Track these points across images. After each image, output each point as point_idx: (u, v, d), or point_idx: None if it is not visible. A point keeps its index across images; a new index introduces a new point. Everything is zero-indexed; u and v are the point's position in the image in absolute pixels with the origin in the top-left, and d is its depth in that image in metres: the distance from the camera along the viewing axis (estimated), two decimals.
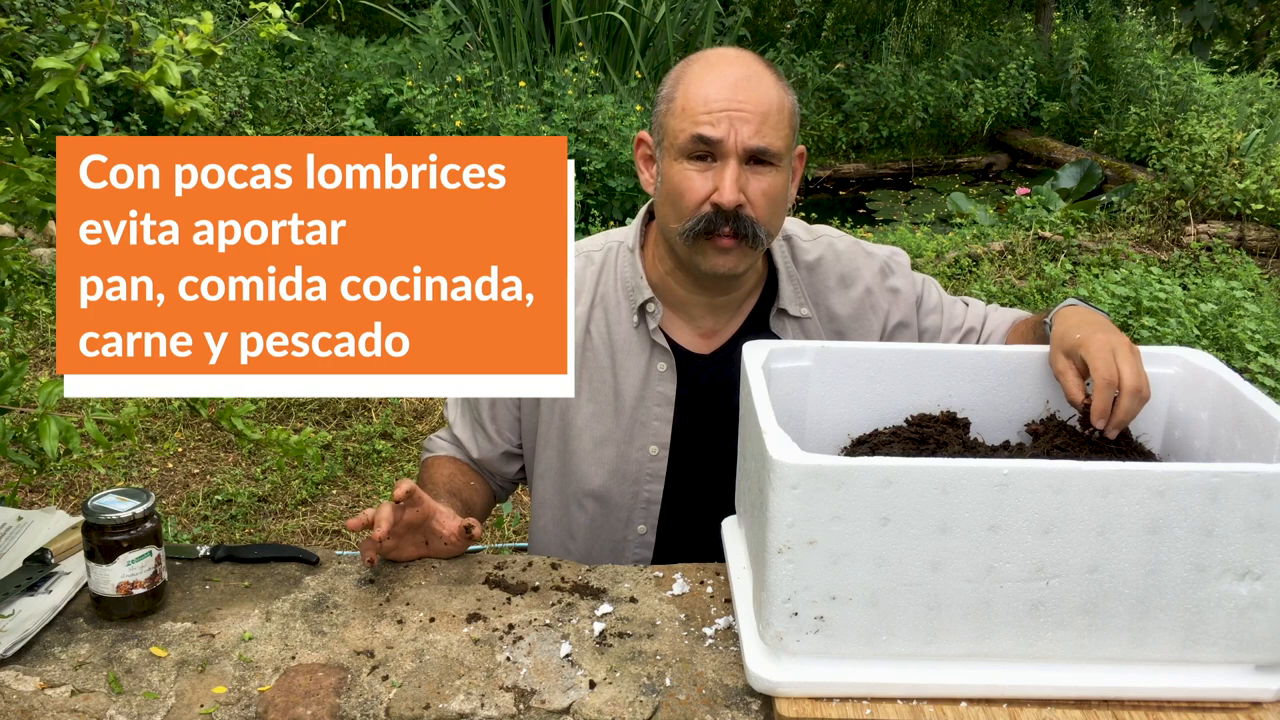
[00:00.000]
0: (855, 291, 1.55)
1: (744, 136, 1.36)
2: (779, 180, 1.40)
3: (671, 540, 1.55)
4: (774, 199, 1.40)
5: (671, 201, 1.41)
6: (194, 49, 1.20)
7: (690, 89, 1.40)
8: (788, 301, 1.52)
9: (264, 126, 5.77)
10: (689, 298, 1.51)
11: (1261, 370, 3.93)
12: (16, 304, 1.54)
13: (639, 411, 1.51)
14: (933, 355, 1.31)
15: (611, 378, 1.51)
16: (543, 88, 6.01)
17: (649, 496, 1.53)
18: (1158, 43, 8.67)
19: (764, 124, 1.37)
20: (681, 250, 1.44)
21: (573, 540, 1.58)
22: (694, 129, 1.37)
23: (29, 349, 4.27)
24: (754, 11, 8.93)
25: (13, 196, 1.17)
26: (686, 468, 1.53)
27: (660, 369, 1.51)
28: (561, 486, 1.56)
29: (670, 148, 1.41)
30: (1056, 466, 0.97)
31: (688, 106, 1.38)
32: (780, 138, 1.39)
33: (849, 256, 1.57)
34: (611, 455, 1.52)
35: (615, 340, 1.51)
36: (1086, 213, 6.29)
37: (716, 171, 1.37)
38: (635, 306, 1.51)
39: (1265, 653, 1.03)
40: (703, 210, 1.38)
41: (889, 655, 1.04)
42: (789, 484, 0.97)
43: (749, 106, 1.36)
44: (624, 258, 1.54)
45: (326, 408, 4.08)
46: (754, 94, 1.37)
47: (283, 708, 1.06)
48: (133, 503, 1.19)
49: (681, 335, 1.53)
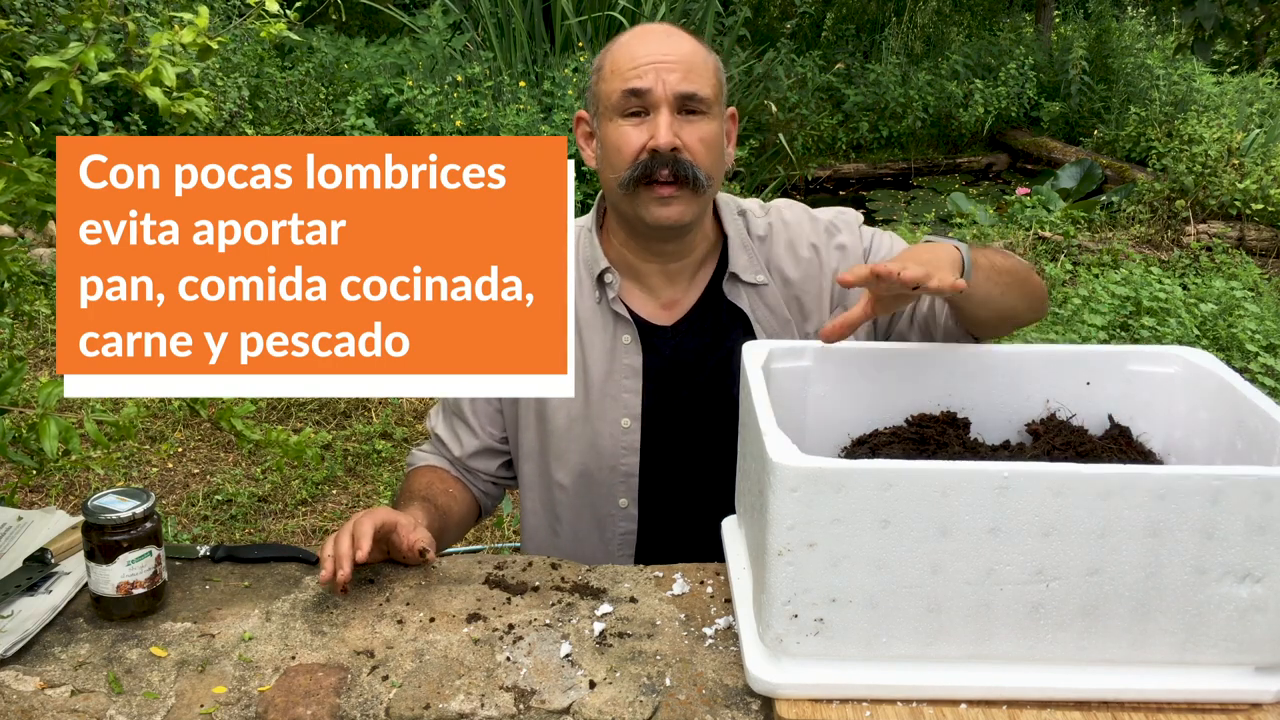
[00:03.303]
0: (803, 252, 1.57)
1: (671, 83, 1.42)
2: (712, 127, 1.46)
3: (654, 511, 1.57)
4: (709, 145, 1.45)
5: (610, 159, 1.47)
6: (189, 43, 1.19)
7: (617, 54, 1.47)
8: (741, 269, 1.54)
9: (264, 126, 5.77)
10: (644, 267, 1.54)
11: (1261, 370, 3.93)
12: (16, 305, 1.54)
13: (608, 385, 1.53)
14: (933, 355, 1.31)
15: (580, 354, 1.53)
16: (543, 88, 6.01)
17: (626, 469, 1.55)
18: (1158, 43, 8.67)
19: (690, 71, 1.43)
20: (625, 205, 1.47)
21: (559, 521, 1.60)
22: (623, 85, 1.43)
23: (29, 349, 4.27)
24: (754, 11, 8.92)
25: (12, 197, 1.16)
26: (660, 439, 1.55)
27: (625, 340, 1.53)
28: (542, 467, 1.58)
29: (605, 111, 1.47)
30: (1057, 469, 0.97)
31: (616, 68, 1.46)
32: (708, 85, 1.45)
33: (795, 223, 1.59)
34: (586, 431, 1.54)
35: (580, 317, 1.54)
36: (1086, 213, 6.29)
37: (650, 122, 1.43)
38: (594, 278, 1.54)
39: (1265, 655, 1.03)
40: (640, 158, 1.43)
41: (889, 657, 1.04)
42: (789, 486, 0.97)
43: (672, 56, 1.43)
44: (584, 238, 1.58)
45: (326, 408, 4.07)
46: (676, 47, 1.45)
47: (283, 708, 1.06)
48: (133, 503, 1.19)
49: (642, 308, 1.56)
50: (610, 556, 1.58)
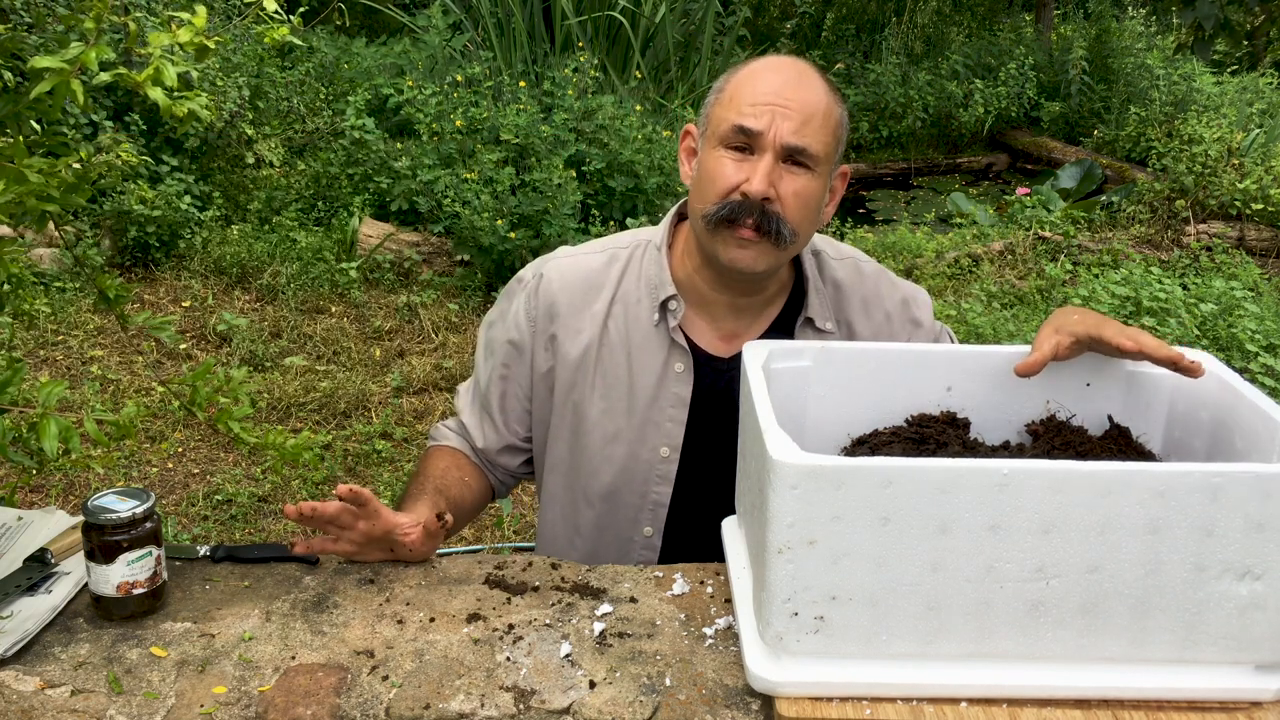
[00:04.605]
0: (877, 315, 1.56)
1: (784, 133, 1.37)
2: (814, 185, 1.40)
3: (677, 545, 1.54)
4: (805, 202, 1.40)
5: (702, 187, 1.43)
6: (186, 42, 1.19)
7: (741, 82, 1.42)
8: (815, 313, 1.52)
9: (264, 126, 5.77)
10: (712, 295, 1.51)
11: (1261, 370, 3.93)
12: (16, 305, 1.54)
13: (652, 411, 1.50)
14: (933, 355, 1.31)
15: (626, 375, 1.51)
16: (543, 88, 6.00)
17: (657, 499, 1.52)
18: (1158, 43, 8.66)
19: (806, 124, 1.38)
20: (704, 238, 1.44)
21: (579, 537, 1.57)
22: (737, 119, 1.38)
23: (29, 349, 4.27)
24: (754, 11, 8.92)
25: (12, 197, 1.16)
26: (696, 472, 1.52)
27: (677, 369, 1.50)
28: (571, 482, 1.55)
29: (712, 136, 1.43)
30: (1056, 466, 0.97)
31: (735, 97, 1.41)
32: (821, 142, 1.39)
33: (873, 281, 1.58)
34: (622, 454, 1.51)
35: (633, 338, 1.51)
36: (1086, 213, 6.29)
37: (751, 163, 1.38)
38: (657, 303, 1.50)
39: (1265, 653, 1.03)
40: (730, 198, 1.39)
41: (889, 655, 1.04)
42: (789, 484, 0.97)
43: (794, 105, 1.38)
44: (650, 255, 1.54)
45: (326, 408, 4.08)
46: (801, 93, 1.39)
47: (283, 708, 1.06)
48: (133, 503, 1.19)
49: (702, 336, 1.52)
50: None
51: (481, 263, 5.11)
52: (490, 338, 1.60)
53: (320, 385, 4.20)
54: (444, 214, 5.23)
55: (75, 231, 4.84)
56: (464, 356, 4.57)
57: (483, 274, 5.14)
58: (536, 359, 1.54)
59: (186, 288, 4.93)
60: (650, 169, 5.46)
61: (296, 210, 5.47)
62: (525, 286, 1.56)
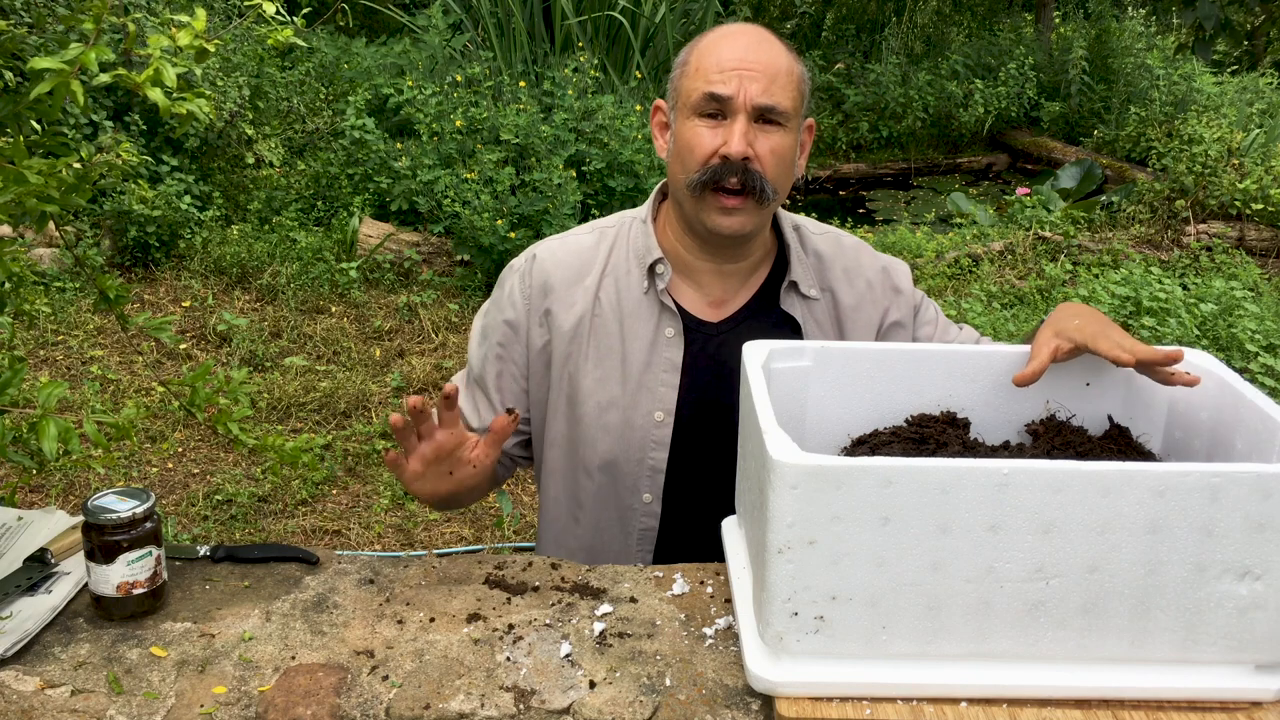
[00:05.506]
0: (859, 283, 1.60)
1: (752, 94, 1.42)
2: (787, 141, 1.47)
3: (678, 510, 1.57)
4: (781, 157, 1.46)
5: (681, 157, 1.48)
6: (186, 45, 1.19)
7: (704, 52, 1.48)
8: (799, 277, 1.57)
9: (264, 126, 5.77)
10: (698, 263, 1.55)
11: (1261, 370, 3.93)
12: (16, 305, 1.54)
13: (645, 377, 1.54)
14: (933, 355, 1.31)
15: (619, 343, 1.54)
16: (543, 88, 6.00)
17: (654, 464, 1.54)
18: (1158, 43, 8.66)
19: (772, 83, 1.44)
20: (689, 206, 1.49)
21: (580, 509, 1.59)
22: (706, 87, 1.44)
23: (29, 349, 4.27)
24: (754, 11, 8.92)
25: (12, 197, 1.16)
26: (691, 436, 1.55)
27: (668, 334, 1.54)
28: (569, 455, 1.58)
29: (683, 107, 1.48)
30: (1056, 466, 0.97)
31: (701, 67, 1.46)
32: (788, 98, 1.45)
33: (854, 252, 1.63)
34: (617, 421, 1.54)
35: (624, 306, 1.55)
36: (1086, 213, 6.29)
37: (726, 127, 1.44)
38: (645, 268, 1.54)
39: (1265, 653, 1.03)
40: (711, 162, 1.44)
41: (889, 655, 1.04)
42: (789, 484, 0.97)
43: (758, 66, 1.44)
44: (636, 228, 1.59)
45: (326, 408, 4.08)
46: (764, 55, 1.45)
47: (283, 708, 1.06)
48: (133, 503, 1.19)
49: (690, 303, 1.57)
50: (629, 551, 1.57)
51: (481, 263, 5.11)
52: (485, 323, 1.64)
53: (320, 385, 4.20)
54: (444, 214, 5.23)
55: (75, 231, 4.84)
56: (464, 356, 4.57)
57: (483, 274, 5.15)
58: (532, 335, 1.58)
59: (186, 288, 4.93)
60: (650, 169, 5.47)
61: (296, 210, 5.48)
62: (517, 270, 1.61)
